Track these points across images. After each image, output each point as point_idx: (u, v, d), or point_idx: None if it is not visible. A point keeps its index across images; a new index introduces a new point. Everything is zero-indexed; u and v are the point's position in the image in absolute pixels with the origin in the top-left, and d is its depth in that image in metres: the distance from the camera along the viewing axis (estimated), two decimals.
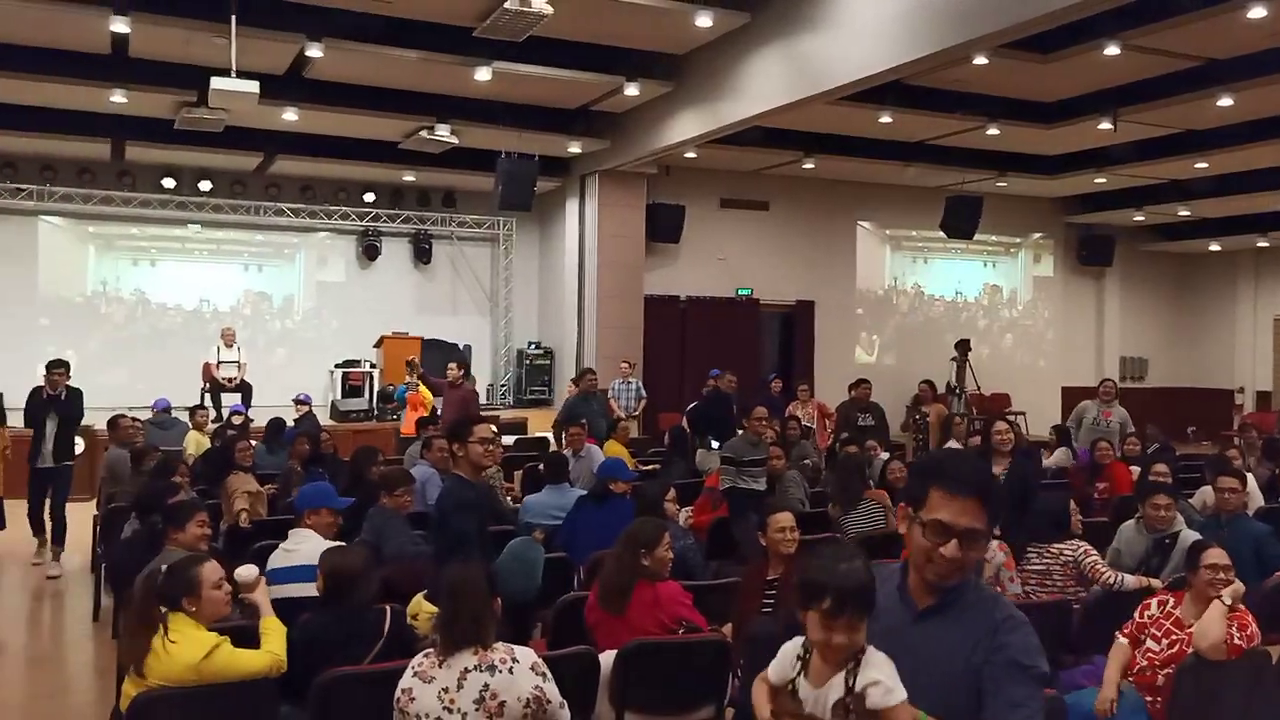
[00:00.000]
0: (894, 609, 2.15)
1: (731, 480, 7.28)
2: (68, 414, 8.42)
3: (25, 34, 9.95)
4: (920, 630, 2.11)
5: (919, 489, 2.15)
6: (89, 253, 14.53)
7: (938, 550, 2.06)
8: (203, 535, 4.62)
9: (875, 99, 10.97)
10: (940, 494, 2.09)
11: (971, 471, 2.14)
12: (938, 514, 2.07)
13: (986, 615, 2.10)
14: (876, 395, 11.17)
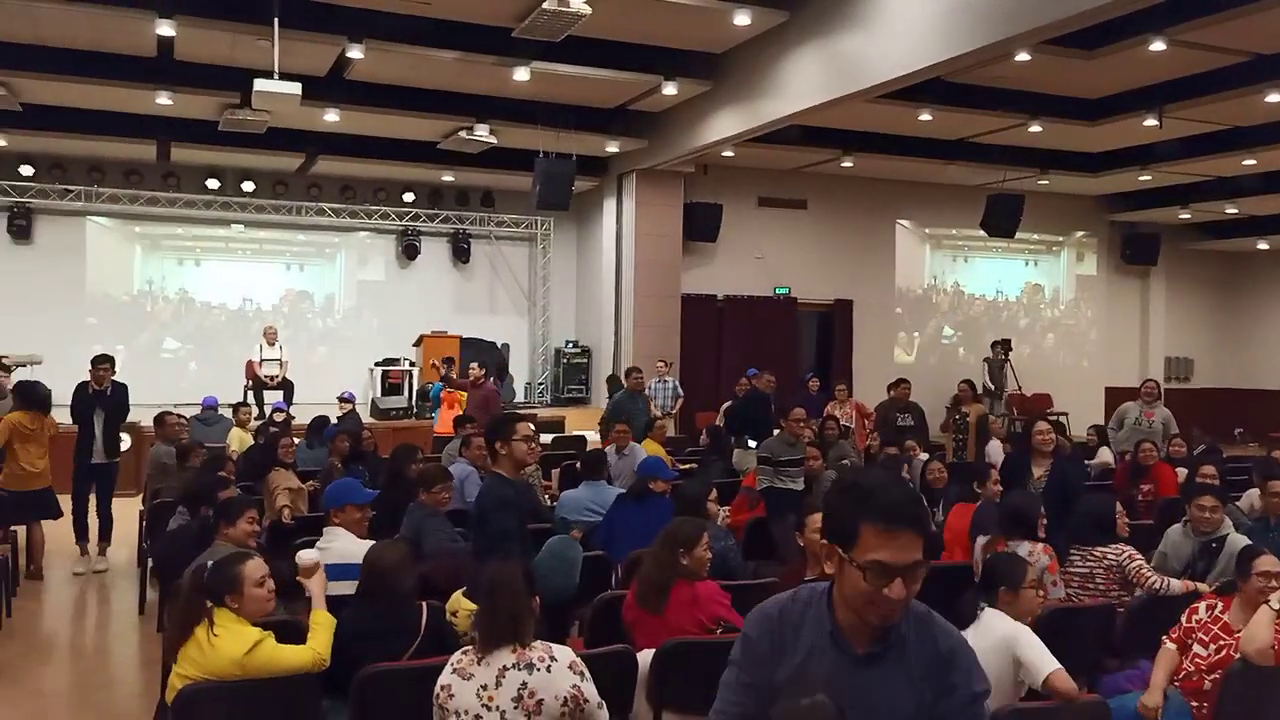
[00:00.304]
0: (828, 653, 1.96)
1: (769, 480, 7.26)
2: (114, 409, 8.35)
3: (73, 37, 10.14)
4: (865, 677, 1.93)
5: (847, 525, 1.90)
6: (135, 252, 14.79)
7: (880, 593, 1.86)
8: (252, 531, 4.69)
9: (915, 96, 10.90)
10: (874, 530, 1.86)
11: (903, 500, 1.90)
12: (875, 554, 1.85)
13: (929, 647, 1.96)
14: (916, 395, 11.08)
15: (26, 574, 7.80)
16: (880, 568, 1.85)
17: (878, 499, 1.89)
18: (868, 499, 1.89)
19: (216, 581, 3.61)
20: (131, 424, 11.35)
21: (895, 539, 1.86)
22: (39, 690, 5.62)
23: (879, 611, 1.89)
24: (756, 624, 2.08)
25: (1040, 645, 3.56)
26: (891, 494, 1.90)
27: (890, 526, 1.86)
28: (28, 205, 13.78)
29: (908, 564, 1.86)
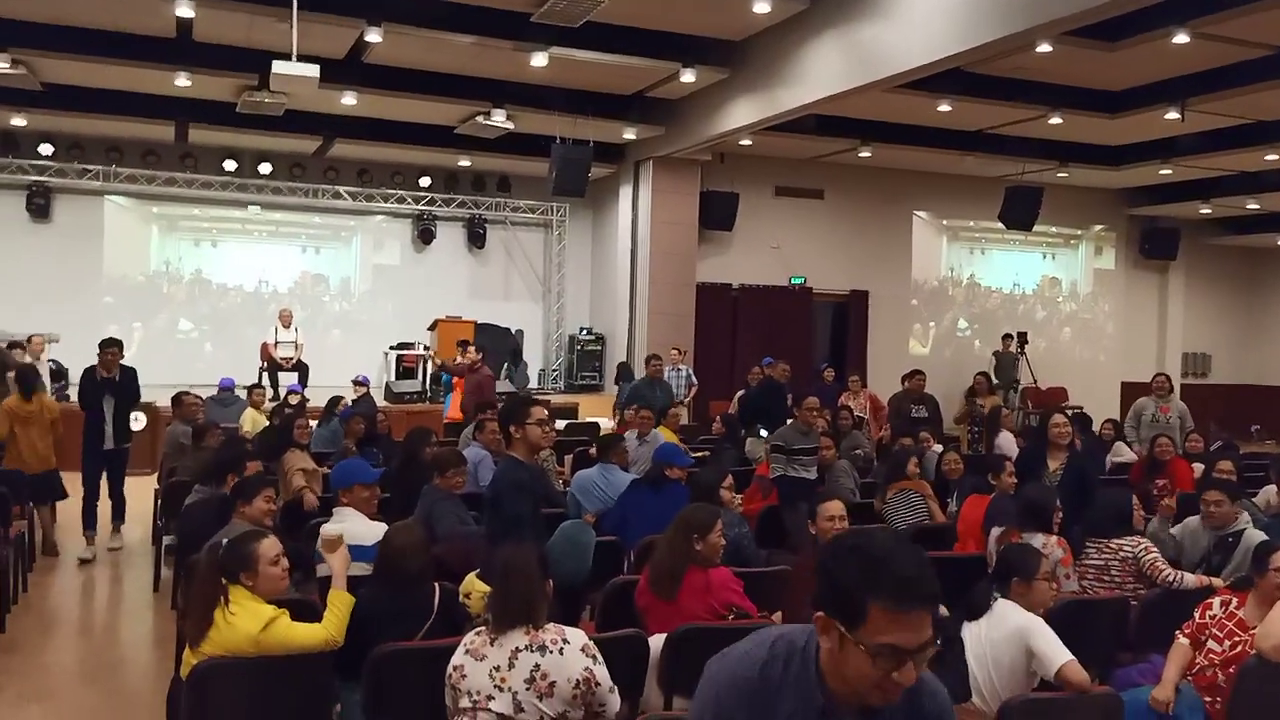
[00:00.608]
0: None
1: (782, 468, 7.27)
2: (125, 395, 8.18)
3: (93, 18, 10.17)
4: None
5: (852, 601, 1.67)
6: (152, 233, 14.85)
7: (889, 678, 1.67)
8: (268, 510, 4.71)
9: (934, 87, 10.81)
10: (884, 610, 1.65)
11: (918, 573, 1.68)
12: (887, 638, 1.64)
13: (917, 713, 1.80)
14: (930, 387, 11.05)
15: (42, 551, 7.87)
16: (892, 651, 1.65)
17: (889, 572, 1.66)
18: (877, 572, 1.66)
19: (231, 559, 3.63)
20: (147, 403, 11.41)
21: (909, 619, 1.65)
22: (53, 665, 5.68)
23: (884, 695, 1.70)
24: (732, 690, 1.82)
25: (1053, 637, 3.55)
26: (905, 566, 1.67)
27: (905, 607, 1.65)
28: (47, 185, 13.85)
29: (921, 645, 1.67)
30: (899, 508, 6.59)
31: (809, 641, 1.79)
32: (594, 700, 3.18)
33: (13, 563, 6.46)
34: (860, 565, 1.69)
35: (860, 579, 1.67)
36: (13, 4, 9.77)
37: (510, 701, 3.09)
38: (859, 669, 1.68)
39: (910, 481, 6.72)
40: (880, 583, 1.66)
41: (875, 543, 1.75)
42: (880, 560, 1.68)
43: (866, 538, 1.77)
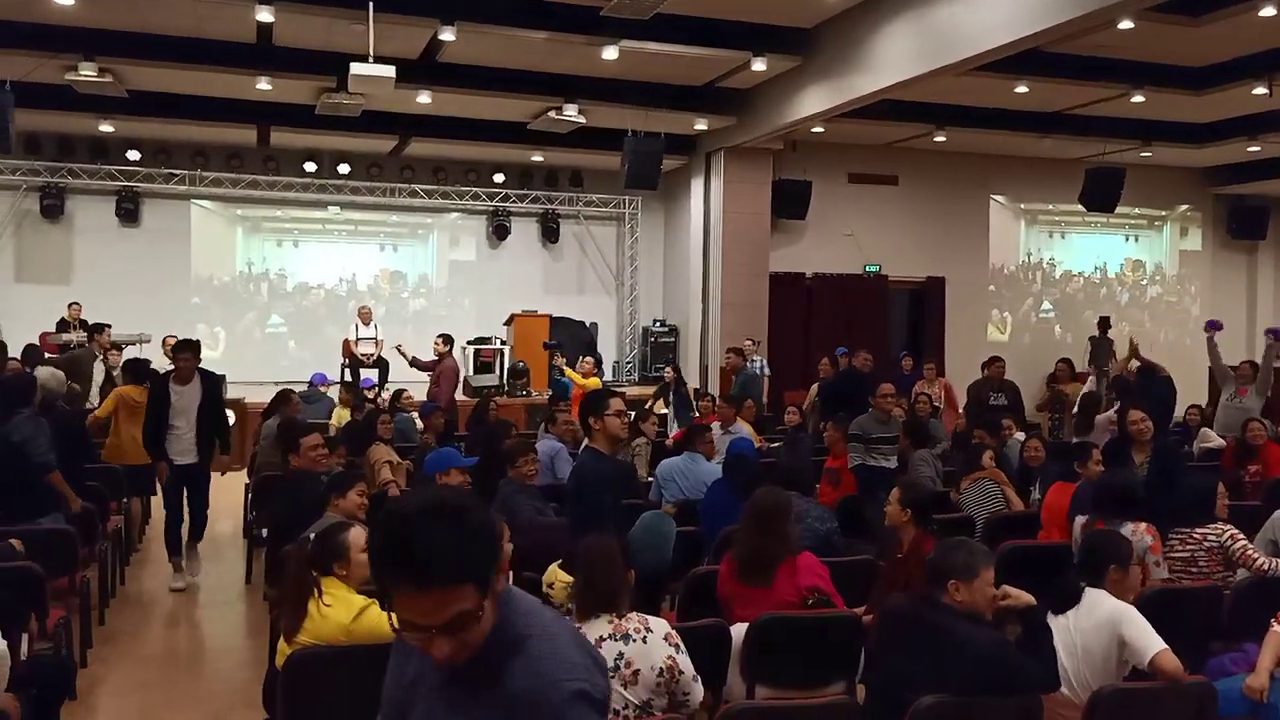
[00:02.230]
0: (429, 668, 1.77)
1: (860, 457, 7.22)
2: (205, 406, 7.23)
3: (177, 25, 10.48)
4: (446, 695, 1.76)
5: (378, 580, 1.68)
6: (237, 234, 15.27)
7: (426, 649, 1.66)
8: (361, 503, 4.82)
9: (1011, 68, 10.58)
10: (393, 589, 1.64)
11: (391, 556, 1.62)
12: (402, 613, 1.64)
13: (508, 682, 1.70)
14: (1010, 374, 10.86)
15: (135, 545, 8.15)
16: (409, 625, 1.64)
17: (403, 556, 1.61)
18: (393, 554, 1.62)
19: (323, 551, 3.72)
20: (235, 400, 11.81)
21: (427, 597, 1.61)
22: (151, 656, 5.88)
23: (436, 660, 1.68)
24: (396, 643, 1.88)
25: (1146, 625, 3.49)
26: (422, 548, 1.60)
27: (420, 587, 1.61)
28: (135, 189, 14.32)
29: (448, 620, 1.61)
30: (975, 497, 6.50)
31: None
32: (678, 689, 3.22)
33: (111, 556, 6.71)
34: (383, 544, 1.65)
35: (381, 559, 1.65)
36: (100, 14, 10.11)
37: None
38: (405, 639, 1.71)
39: (986, 471, 6.63)
40: (397, 566, 1.62)
41: (406, 514, 1.65)
42: (400, 541, 1.62)
43: (401, 507, 1.70)
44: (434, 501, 1.67)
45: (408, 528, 1.62)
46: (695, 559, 5.18)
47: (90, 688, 5.15)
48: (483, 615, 1.65)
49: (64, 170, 14.01)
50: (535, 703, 1.66)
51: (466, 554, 1.63)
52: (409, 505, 1.68)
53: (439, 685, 1.75)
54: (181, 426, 7.16)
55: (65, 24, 10.28)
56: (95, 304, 12.64)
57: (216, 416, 7.36)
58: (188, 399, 7.17)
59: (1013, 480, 6.71)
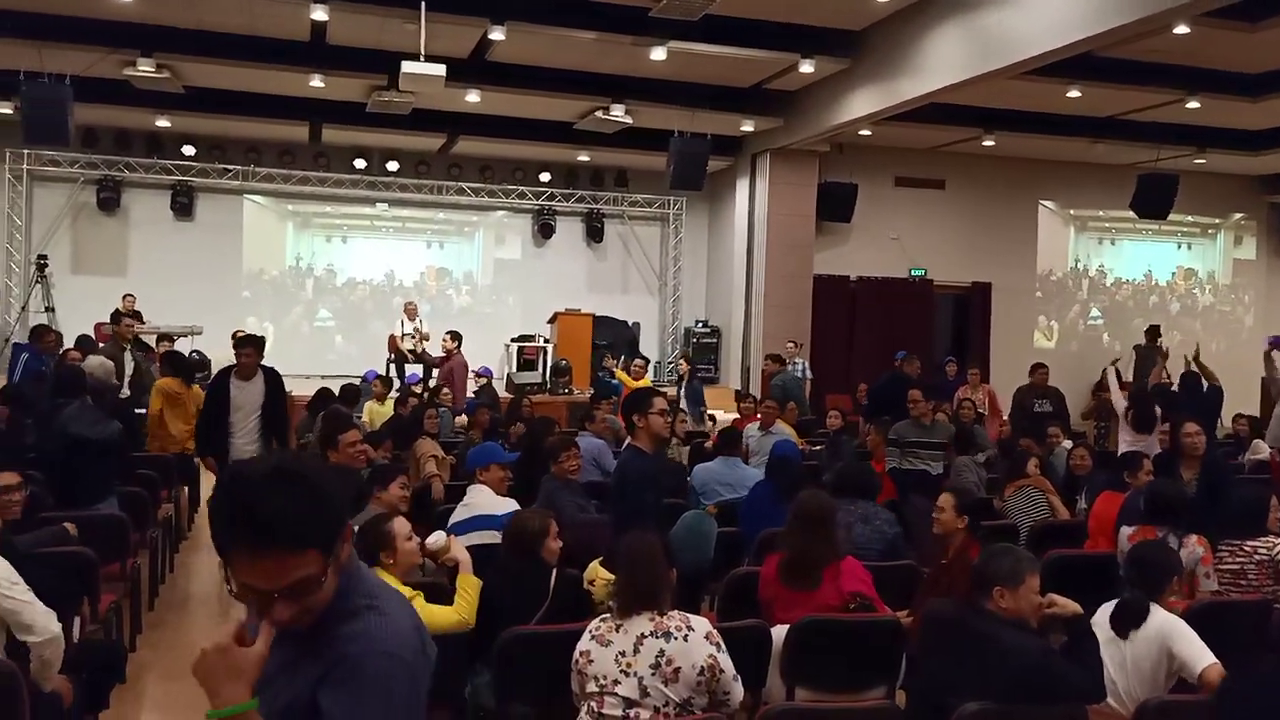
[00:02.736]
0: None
1: (895, 461, 7.20)
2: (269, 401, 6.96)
3: (234, 23, 10.67)
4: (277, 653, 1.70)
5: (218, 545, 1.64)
6: (288, 229, 15.51)
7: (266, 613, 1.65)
8: (403, 496, 4.89)
9: (1063, 72, 10.48)
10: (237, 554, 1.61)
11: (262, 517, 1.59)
12: (244, 578, 1.62)
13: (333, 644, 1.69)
14: (1056, 381, 10.73)
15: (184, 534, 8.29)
16: (250, 590, 1.62)
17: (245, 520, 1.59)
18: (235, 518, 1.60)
19: (369, 541, 3.77)
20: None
21: (267, 561, 1.59)
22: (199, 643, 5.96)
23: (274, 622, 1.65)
24: None
25: (1195, 638, 3.45)
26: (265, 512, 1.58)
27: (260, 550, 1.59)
28: (190, 184, 14.58)
29: (288, 585, 1.60)
30: (1019, 505, 6.44)
31: None
32: (718, 688, 3.22)
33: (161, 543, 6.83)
34: (225, 508, 1.63)
35: (222, 523, 1.63)
36: (158, 11, 10.32)
37: (636, 686, 3.15)
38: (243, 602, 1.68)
39: (1030, 479, 6.56)
40: (238, 529, 1.59)
41: (249, 478, 1.64)
42: (243, 505, 1.60)
43: (242, 471, 1.67)
44: (280, 465, 1.66)
45: (251, 490, 1.61)
46: (735, 559, 5.19)
47: (139, 673, 5.25)
48: (325, 581, 1.64)
49: (121, 164, 14.30)
50: (356, 663, 1.67)
51: (310, 519, 1.62)
52: (256, 468, 1.66)
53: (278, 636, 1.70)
54: (241, 423, 6.85)
55: (124, 20, 10.52)
56: (149, 296, 12.89)
57: (279, 413, 7.11)
58: (249, 395, 6.90)
59: (1059, 489, 6.64)
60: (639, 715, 3.14)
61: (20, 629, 3.41)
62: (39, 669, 3.46)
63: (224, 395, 6.88)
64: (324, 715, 1.66)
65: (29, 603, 3.43)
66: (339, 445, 5.95)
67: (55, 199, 14.34)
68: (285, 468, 1.65)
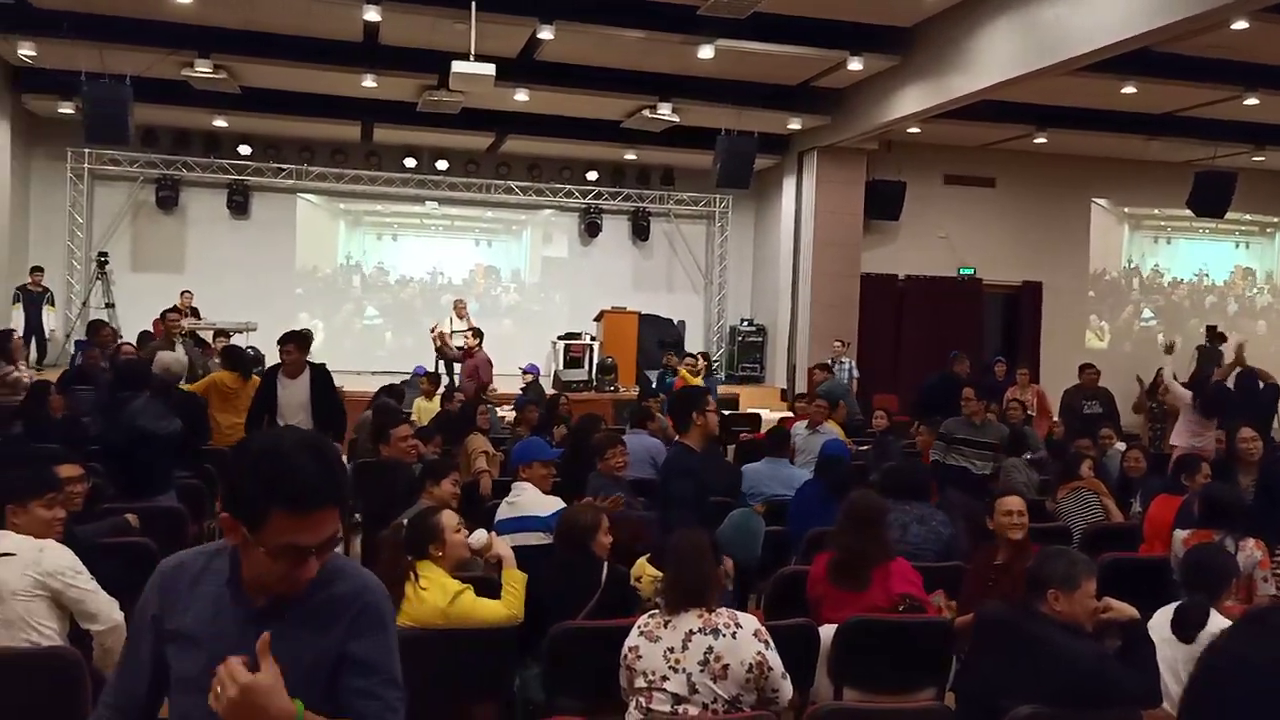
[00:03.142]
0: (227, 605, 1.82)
1: (940, 456, 7.16)
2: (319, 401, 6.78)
3: (288, 24, 10.84)
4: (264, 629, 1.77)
5: (257, 509, 1.71)
6: (339, 228, 15.72)
7: (293, 572, 1.74)
8: (454, 493, 4.95)
9: (1118, 68, 10.30)
10: (285, 515, 1.70)
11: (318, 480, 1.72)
12: (287, 538, 1.71)
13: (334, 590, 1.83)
14: (1109, 382, 10.58)
15: None
16: (294, 550, 1.72)
17: (292, 481, 1.70)
18: (279, 481, 1.70)
19: (418, 534, 3.83)
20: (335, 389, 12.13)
21: (309, 521, 1.71)
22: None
23: (288, 586, 1.76)
24: (155, 580, 1.89)
25: None
26: (307, 474, 1.70)
27: (306, 511, 1.71)
28: (245, 183, 14.82)
29: (322, 542, 1.74)
30: (1072, 508, 6.36)
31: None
32: (767, 685, 3.23)
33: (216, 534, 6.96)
34: (264, 474, 1.71)
35: (263, 489, 1.71)
36: (215, 12, 10.51)
37: (685, 682, 3.17)
38: (259, 564, 1.75)
39: (1084, 481, 6.48)
40: (282, 492, 1.70)
41: (281, 448, 1.75)
42: (283, 470, 1.70)
43: (272, 441, 1.79)
44: (303, 437, 1.81)
45: (290, 455, 1.72)
46: (783, 558, 5.19)
47: None
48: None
49: (179, 163, 14.58)
50: (378, 609, 1.86)
51: (341, 479, 1.79)
52: (282, 439, 1.79)
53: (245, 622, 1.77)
54: (289, 421, 6.65)
55: (183, 21, 10.72)
56: (205, 292, 13.14)
57: (331, 410, 6.92)
58: (295, 393, 6.77)
59: (1112, 491, 6.55)
60: (687, 711, 3.16)
61: (84, 617, 3.51)
62: (101, 657, 3.56)
63: (270, 394, 6.85)
64: (361, 663, 1.81)
65: (93, 592, 3.53)
66: (390, 439, 6.05)
67: (115, 197, 14.66)
68: (307, 438, 1.81)
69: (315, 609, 1.81)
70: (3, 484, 3.72)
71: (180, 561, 1.89)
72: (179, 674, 1.82)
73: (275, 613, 1.78)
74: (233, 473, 1.79)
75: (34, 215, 14.22)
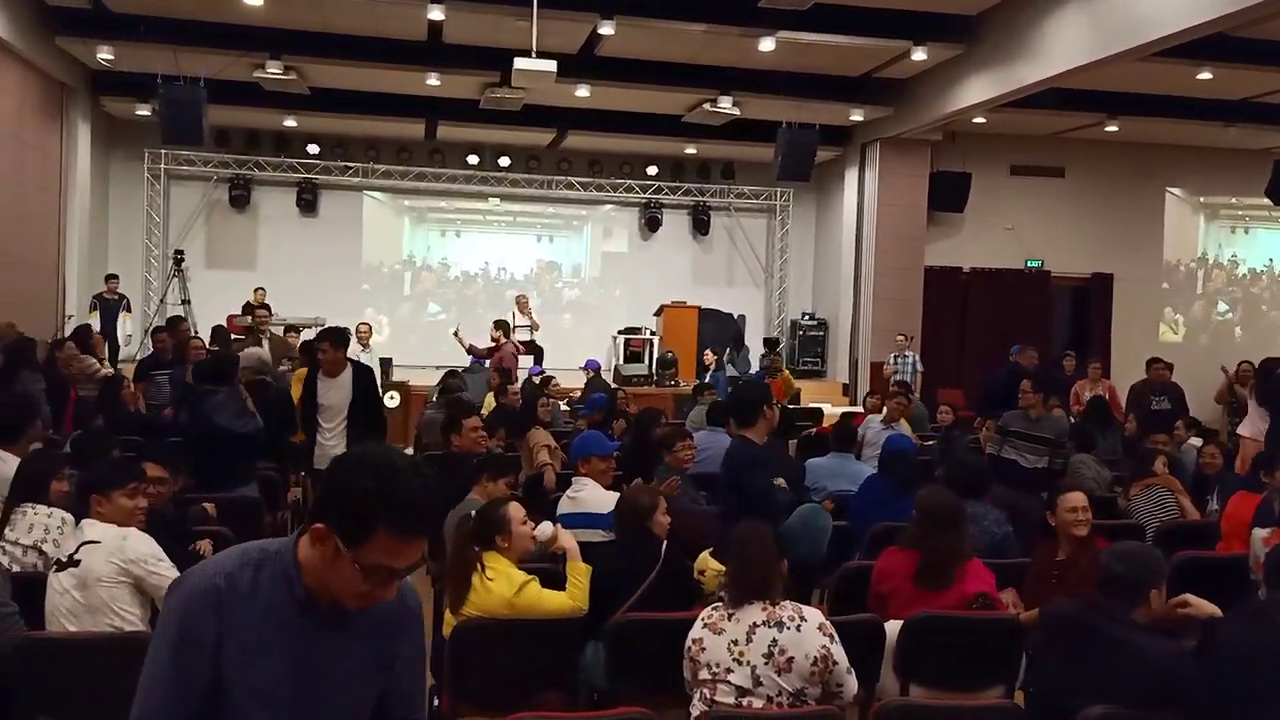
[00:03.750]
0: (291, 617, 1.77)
1: (995, 449, 7.05)
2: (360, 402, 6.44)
3: (356, 25, 11.03)
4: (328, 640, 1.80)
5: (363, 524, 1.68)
6: (404, 224, 15.96)
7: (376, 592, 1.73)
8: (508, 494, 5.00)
9: (1193, 53, 10.00)
10: (389, 535, 1.68)
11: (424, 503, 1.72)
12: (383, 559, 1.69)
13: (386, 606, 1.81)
14: (1184, 376, 10.32)
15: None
16: (387, 572, 1.71)
17: (402, 501, 1.68)
18: (391, 498, 1.67)
19: (486, 526, 3.88)
20: (400, 382, 12.36)
21: (410, 545, 1.71)
22: None
23: (363, 603, 1.75)
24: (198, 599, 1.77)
25: None
26: (416, 495, 1.69)
27: (409, 535, 1.70)
28: (314, 181, 15.12)
29: (412, 566, 1.74)
30: (1146, 505, 6.23)
31: (283, 548, 1.80)
32: (831, 679, 3.22)
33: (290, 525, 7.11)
34: (377, 493, 1.67)
35: (373, 503, 1.67)
36: (284, 14, 10.73)
37: (749, 675, 3.18)
38: (348, 580, 1.71)
39: (1159, 478, 6.33)
40: (393, 513, 1.67)
41: (395, 467, 1.71)
42: (397, 492, 1.68)
43: (385, 459, 1.74)
44: (411, 461, 1.79)
45: (408, 480, 1.71)
46: (847, 553, 5.16)
47: None
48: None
49: (251, 163, 14.92)
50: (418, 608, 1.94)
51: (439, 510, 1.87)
52: (396, 460, 1.76)
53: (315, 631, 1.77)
54: (328, 422, 6.42)
55: (254, 24, 10.96)
56: (275, 289, 13.41)
57: (371, 412, 6.62)
58: (336, 394, 6.45)
59: (1187, 487, 6.40)
60: (751, 704, 3.17)
61: None
62: None
63: (311, 394, 6.57)
64: (407, 660, 1.92)
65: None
66: (462, 430, 6.12)
67: (190, 197, 15.05)
68: (415, 462, 1.79)
69: (374, 617, 1.81)
70: (87, 475, 3.87)
71: (226, 576, 1.78)
72: (249, 687, 1.76)
73: (341, 622, 1.79)
74: (340, 485, 1.73)
75: (113, 215, 14.68)
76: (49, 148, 12.44)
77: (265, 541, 1.87)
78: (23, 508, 4.04)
